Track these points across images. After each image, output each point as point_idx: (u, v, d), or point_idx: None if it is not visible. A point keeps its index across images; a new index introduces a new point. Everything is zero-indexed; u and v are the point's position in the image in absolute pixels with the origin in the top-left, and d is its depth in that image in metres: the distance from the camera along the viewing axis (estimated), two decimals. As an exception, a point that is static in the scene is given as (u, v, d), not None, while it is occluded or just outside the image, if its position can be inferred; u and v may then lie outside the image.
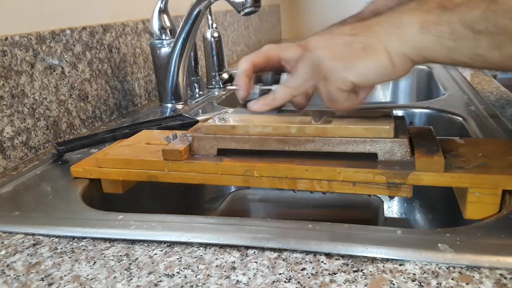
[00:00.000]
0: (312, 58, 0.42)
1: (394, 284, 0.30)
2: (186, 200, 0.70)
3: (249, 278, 0.32)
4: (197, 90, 0.98)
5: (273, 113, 0.49)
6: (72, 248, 0.38)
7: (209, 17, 1.01)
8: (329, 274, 0.32)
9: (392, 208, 0.74)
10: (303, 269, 0.32)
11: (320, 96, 0.44)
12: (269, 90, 0.50)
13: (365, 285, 0.30)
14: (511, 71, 0.39)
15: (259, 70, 0.51)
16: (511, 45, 0.33)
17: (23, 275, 0.35)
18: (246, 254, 0.35)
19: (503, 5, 0.33)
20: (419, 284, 0.30)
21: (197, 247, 0.36)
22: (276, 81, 0.51)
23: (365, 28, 0.40)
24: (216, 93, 1.00)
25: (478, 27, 0.34)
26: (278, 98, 0.48)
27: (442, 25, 0.35)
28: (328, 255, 0.34)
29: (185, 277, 0.33)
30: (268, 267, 0.33)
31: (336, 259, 0.33)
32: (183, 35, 0.80)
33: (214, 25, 1.02)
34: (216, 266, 0.34)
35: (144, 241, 0.38)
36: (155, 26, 0.83)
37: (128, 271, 0.34)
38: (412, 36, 0.37)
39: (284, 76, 0.51)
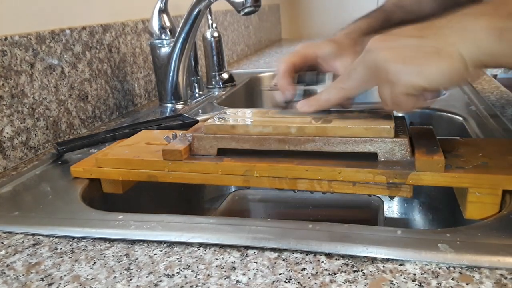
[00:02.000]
0: (375, 60, 0.40)
1: (394, 284, 0.30)
2: (186, 200, 0.70)
3: (249, 278, 0.32)
4: (197, 90, 0.98)
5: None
6: (72, 248, 0.38)
7: (209, 17, 1.01)
8: (329, 274, 0.31)
9: (392, 208, 0.74)
10: (303, 269, 0.32)
11: (383, 99, 0.42)
12: (313, 90, 0.48)
13: (365, 285, 0.30)
14: None
15: (298, 70, 0.51)
16: None
17: (23, 275, 0.35)
18: (246, 254, 0.35)
19: None
20: (419, 284, 0.30)
21: (197, 247, 0.36)
22: (319, 81, 0.50)
23: (434, 30, 0.38)
24: (216, 93, 1.00)
25: None
26: (331, 99, 0.45)
27: None
28: (328, 255, 0.34)
29: (185, 277, 0.33)
30: (268, 267, 0.33)
31: (336, 259, 0.33)
32: (183, 35, 0.80)
33: (214, 25, 1.02)
34: (216, 266, 0.34)
35: (144, 241, 0.38)
36: (155, 26, 0.83)
37: (128, 271, 0.34)
38: (490, 42, 0.35)
39: (326, 76, 0.49)
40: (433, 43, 0.37)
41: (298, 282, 0.31)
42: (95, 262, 0.35)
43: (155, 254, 0.36)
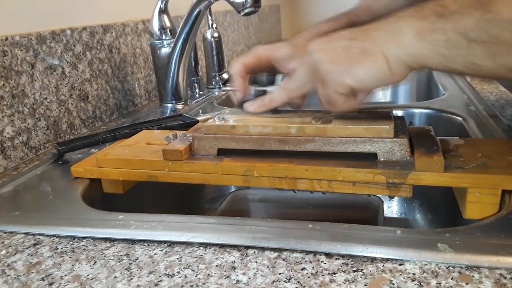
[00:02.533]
0: (311, 61, 0.42)
1: (394, 284, 0.30)
2: (186, 200, 0.70)
3: (249, 278, 0.32)
4: (197, 90, 0.98)
5: (268, 113, 0.49)
6: (73, 248, 0.38)
7: (209, 17, 1.01)
8: (329, 274, 0.32)
9: (392, 208, 0.74)
10: (303, 269, 0.32)
11: (318, 98, 0.44)
12: (265, 91, 0.50)
13: (365, 285, 0.30)
14: (505, 80, 0.39)
15: (251, 71, 0.52)
16: (505, 54, 0.34)
17: (24, 275, 0.35)
18: (246, 254, 0.35)
19: (497, 14, 0.33)
20: (418, 283, 0.30)
21: (197, 247, 0.36)
22: (271, 82, 0.51)
23: (363, 32, 0.40)
24: (216, 93, 1.00)
25: (472, 36, 0.34)
26: (275, 99, 0.48)
27: (436, 32, 0.35)
28: (328, 255, 0.34)
29: (185, 276, 0.33)
30: (268, 267, 0.33)
31: (336, 259, 0.33)
32: (183, 35, 0.80)
33: (214, 25, 1.02)
34: (216, 266, 0.34)
35: (144, 241, 0.38)
36: (155, 26, 0.83)
37: (128, 271, 0.34)
38: (408, 42, 0.37)
39: (279, 77, 0.51)
40: (360, 44, 0.39)
41: (298, 282, 0.31)
42: (95, 262, 0.36)
43: (155, 254, 0.36)
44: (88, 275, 0.34)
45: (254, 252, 0.35)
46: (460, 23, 0.34)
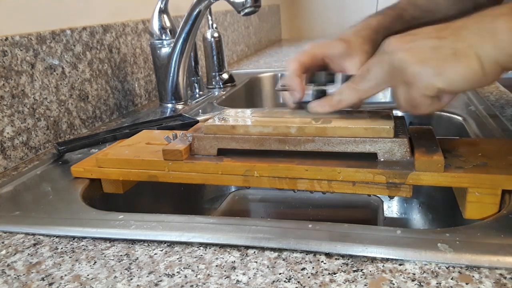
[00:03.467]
0: (392, 61, 0.39)
1: (393, 284, 0.30)
2: (186, 200, 0.70)
3: (249, 278, 0.32)
4: (197, 90, 0.98)
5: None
6: (73, 248, 0.38)
7: (209, 17, 1.01)
8: (329, 274, 0.32)
9: (392, 208, 0.74)
10: (303, 268, 0.32)
11: (398, 100, 0.41)
12: (324, 90, 0.48)
13: (365, 285, 0.30)
14: None
15: (306, 70, 0.50)
16: None
17: (24, 275, 0.35)
18: (246, 254, 0.35)
19: None
20: (418, 283, 0.30)
21: (197, 247, 0.36)
22: (330, 81, 0.49)
23: (453, 31, 0.37)
24: (216, 93, 1.00)
25: None
26: (344, 100, 0.44)
27: None
28: (328, 255, 0.34)
29: (185, 276, 0.33)
30: (268, 267, 0.33)
31: (336, 259, 0.33)
32: (183, 35, 0.80)
33: (214, 25, 1.02)
34: (216, 266, 0.34)
35: (144, 241, 0.38)
36: (155, 26, 0.83)
37: (128, 271, 0.34)
38: (507, 43, 0.34)
39: (339, 76, 0.48)
40: (451, 44, 0.36)
41: (298, 282, 0.31)
42: (95, 262, 0.36)
43: (155, 254, 0.36)
44: (88, 275, 0.34)
45: (254, 252, 0.35)
46: None
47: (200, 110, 0.83)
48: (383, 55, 0.40)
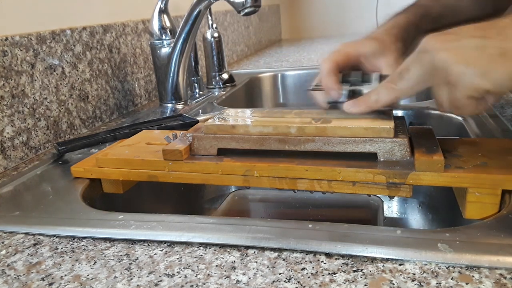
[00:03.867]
0: (432, 61, 0.38)
1: (394, 284, 0.30)
2: (186, 200, 0.70)
3: (249, 278, 0.32)
4: (197, 90, 0.98)
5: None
6: (73, 248, 0.38)
7: (209, 17, 1.01)
8: (329, 274, 0.32)
9: (392, 208, 0.74)
10: (303, 269, 0.32)
11: (440, 101, 0.40)
12: (359, 90, 0.47)
13: (365, 285, 0.30)
14: None
15: (341, 69, 0.49)
16: None
17: (24, 275, 0.35)
18: (246, 254, 0.35)
19: None
20: (418, 283, 0.30)
21: (197, 247, 0.36)
22: (365, 81, 0.48)
23: (498, 30, 0.36)
24: (216, 93, 1.00)
25: None
26: (381, 100, 0.43)
27: None
28: (328, 255, 0.34)
29: (185, 276, 0.33)
30: (268, 267, 0.33)
31: (336, 259, 0.33)
32: (183, 35, 0.80)
33: (214, 25, 1.02)
34: (216, 266, 0.34)
35: (144, 241, 0.38)
36: (155, 26, 0.83)
37: (128, 271, 0.34)
38: None
39: (373, 76, 0.48)
40: (497, 44, 0.35)
41: (298, 282, 0.31)
42: (95, 262, 0.36)
43: (155, 254, 0.36)
44: (88, 275, 0.34)
45: (254, 252, 0.35)
46: None
47: (200, 110, 0.83)
48: (423, 54, 0.39)
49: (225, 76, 1.05)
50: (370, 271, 0.31)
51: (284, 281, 0.31)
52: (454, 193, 0.44)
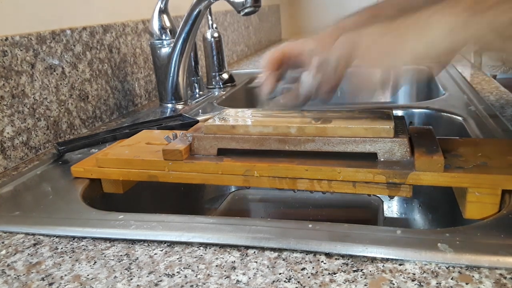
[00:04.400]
0: (346, 43, 0.44)
1: (394, 284, 0.30)
2: (186, 200, 0.70)
3: (249, 278, 0.32)
4: (197, 90, 0.98)
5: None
6: (73, 248, 0.38)
7: (209, 17, 1.01)
8: (329, 274, 0.32)
9: (392, 208, 0.74)
10: (303, 268, 0.32)
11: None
12: (290, 87, 0.49)
13: (365, 285, 0.30)
14: None
15: (281, 67, 0.51)
16: None
17: (24, 275, 0.35)
18: (246, 254, 0.35)
19: None
20: (418, 283, 0.30)
21: (197, 247, 0.36)
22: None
23: (397, 25, 0.40)
24: (216, 93, 1.00)
25: (509, 33, 0.33)
26: (303, 88, 0.48)
27: (470, 29, 0.35)
28: (328, 255, 0.34)
29: (185, 276, 0.33)
30: (268, 267, 0.33)
31: (336, 259, 0.33)
32: (183, 35, 0.80)
33: (214, 25, 1.02)
34: (216, 266, 0.34)
35: (144, 241, 0.38)
36: (155, 26, 0.83)
37: (128, 271, 0.34)
38: (439, 39, 0.36)
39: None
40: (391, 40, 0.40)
41: (298, 282, 0.31)
42: (95, 262, 0.36)
43: (155, 254, 0.36)
44: (88, 275, 0.34)
45: (254, 252, 0.35)
46: (496, 20, 0.33)
47: (200, 110, 0.83)
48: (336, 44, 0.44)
49: (225, 76, 1.05)
50: (370, 271, 0.31)
51: (284, 281, 0.31)
52: (454, 193, 0.44)
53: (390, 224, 0.71)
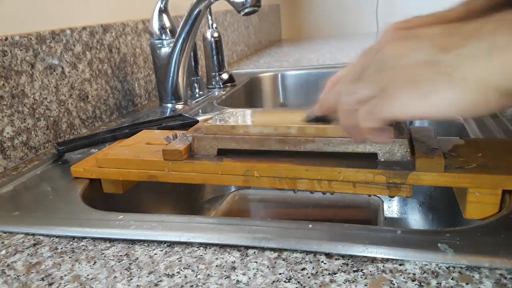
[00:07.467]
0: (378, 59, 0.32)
1: (394, 284, 0.30)
2: (186, 200, 0.70)
3: (249, 278, 0.32)
4: (197, 90, 0.98)
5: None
6: (72, 248, 0.38)
7: (209, 17, 1.01)
8: (329, 274, 0.32)
9: (392, 208, 0.74)
10: (303, 269, 0.32)
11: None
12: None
13: (365, 285, 0.30)
14: None
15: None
16: None
17: (24, 275, 0.35)
18: (246, 254, 0.35)
19: None
20: (419, 284, 0.30)
21: (197, 247, 0.36)
22: None
23: (463, 36, 0.28)
24: (216, 93, 1.00)
25: None
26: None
27: None
28: (328, 255, 0.34)
29: (185, 277, 0.33)
30: (268, 267, 0.33)
31: (336, 259, 0.33)
32: (183, 35, 0.80)
33: (214, 25, 1.02)
34: (216, 266, 0.34)
35: (144, 241, 0.38)
36: (155, 26, 0.83)
37: (128, 271, 0.34)
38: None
39: None
40: (450, 62, 0.28)
41: (298, 282, 0.31)
42: (95, 262, 0.36)
43: (155, 254, 0.36)
44: (88, 275, 0.34)
45: (254, 252, 0.35)
46: None
47: (200, 110, 0.83)
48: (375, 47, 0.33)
49: (225, 76, 1.05)
50: (370, 271, 0.31)
51: (284, 281, 0.31)
52: (454, 193, 0.44)
53: (390, 224, 0.71)
